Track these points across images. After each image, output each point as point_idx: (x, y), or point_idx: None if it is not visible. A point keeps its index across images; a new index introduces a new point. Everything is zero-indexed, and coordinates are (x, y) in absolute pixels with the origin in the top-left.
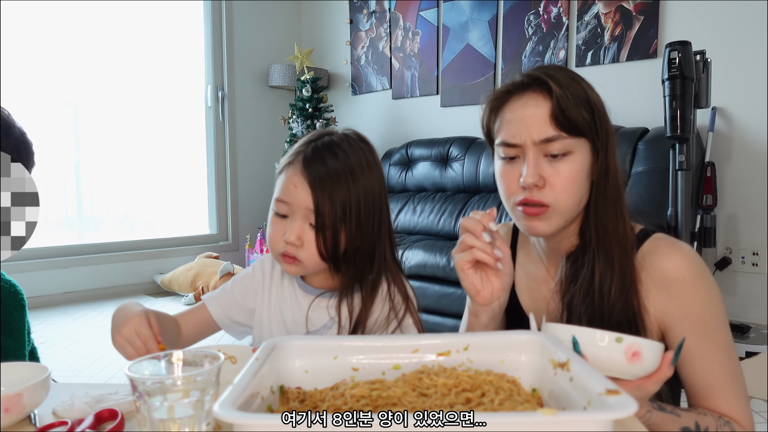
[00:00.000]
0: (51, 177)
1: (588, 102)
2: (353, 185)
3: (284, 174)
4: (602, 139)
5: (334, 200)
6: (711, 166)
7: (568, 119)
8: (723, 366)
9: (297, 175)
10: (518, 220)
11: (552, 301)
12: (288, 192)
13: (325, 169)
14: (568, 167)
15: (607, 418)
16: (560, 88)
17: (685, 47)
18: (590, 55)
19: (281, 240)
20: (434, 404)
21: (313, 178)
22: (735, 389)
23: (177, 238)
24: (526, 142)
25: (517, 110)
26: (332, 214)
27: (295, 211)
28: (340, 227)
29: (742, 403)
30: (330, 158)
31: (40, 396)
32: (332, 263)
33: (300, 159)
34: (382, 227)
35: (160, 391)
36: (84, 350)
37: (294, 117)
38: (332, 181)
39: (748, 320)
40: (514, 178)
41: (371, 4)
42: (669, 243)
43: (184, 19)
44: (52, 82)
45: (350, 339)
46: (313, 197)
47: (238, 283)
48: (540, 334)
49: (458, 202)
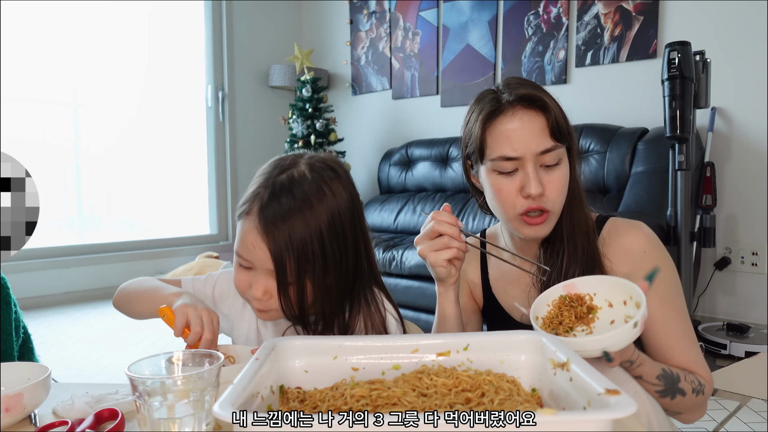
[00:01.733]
0: (51, 177)
1: (562, 113)
2: (312, 219)
3: (241, 225)
4: (573, 143)
5: (293, 247)
6: (710, 166)
7: (560, 130)
8: (681, 328)
9: (253, 233)
10: (519, 228)
11: (531, 291)
12: (247, 250)
13: (281, 212)
14: (560, 173)
15: (606, 418)
16: (551, 103)
17: (685, 47)
18: (590, 55)
19: (248, 292)
20: (434, 404)
21: (267, 230)
22: (693, 348)
23: (177, 238)
24: (527, 154)
25: (513, 126)
26: (294, 268)
27: (258, 267)
28: (304, 279)
29: (699, 360)
30: (286, 198)
31: (40, 396)
32: (300, 321)
33: (256, 209)
34: (357, 251)
35: (160, 391)
36: (84, 350)
37: (294, 117)
38: (290, 225)
39: (747, 320)
40: (514, 189)
41: (371, 4)
42: (626, 222)
43: (184, 19)
44: (52, 82)
45: (350, 339)
46: (272, 255)
47: (224, 280)
48: (540, 334)
49: (458, 202)
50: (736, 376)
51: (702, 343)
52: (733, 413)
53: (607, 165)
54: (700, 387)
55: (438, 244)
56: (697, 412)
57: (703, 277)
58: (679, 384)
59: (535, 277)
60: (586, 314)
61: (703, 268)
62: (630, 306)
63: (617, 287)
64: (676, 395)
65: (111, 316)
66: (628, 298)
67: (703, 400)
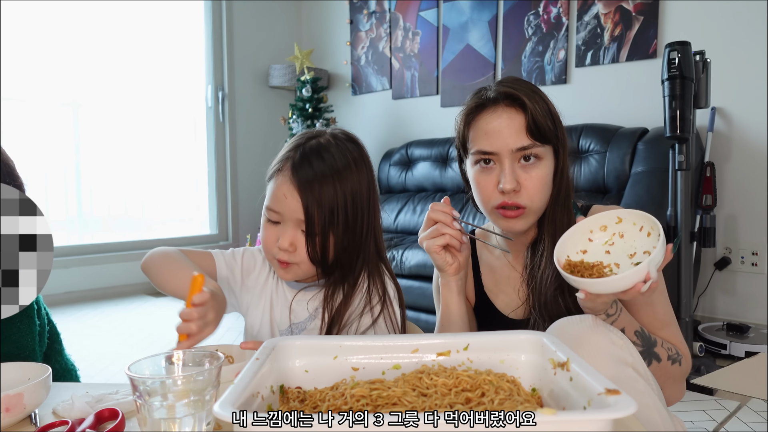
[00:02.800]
0: (51, 177)
1: (550, 113)
2: (340, 187)
3: (273, 182)
4: (562, 144)
5: (322, 205)
6: (710, 166)
7: (539, 129)
8: (663, 307)
9: (286, 184)
10: (496, 221)
11: (521, 290)
12: (278, 201)
13: (312, 174)
14: (539, 172)
15: (606, 418)
16: (531, 103)
17: (685, 47)
18: (590, 55)
19: (275, 246)
20: (434, 404)
21: (302, 187)
22: (672, 324)
23: (177, 238)
24: (503, 150)
25: (492, 122)
26: (321, 220)
27: (287, 219)
28: (329, 232)
29: (678, 335)
30: (317, 162)
31: (40, 396)
32: (321, 267)
33: (289, 166)
34: (369, 227)
35: (160, 391)
36: (84, 350)
37: (294, 117)
38: (320, 186)
39: (747, 320)
40: (491, 184)
41: (371, 4)
42: (604, 207)
43: (184, 19)
44: (52, 82)
45: (350, 339)
46: (302, 206)
47: (248, 256)
48: (540, 334)
49: (458, 202)
50: (736, 376)
51: (702, 343)
52: (733, 413)
53: (607, 165)
54: (677, 356)
55: (433, 231)
56: (674, 388)
57: (703, 277)
58: (654, 348)
59: (524, 275)
60: (600, 271)
61: (703, 268)
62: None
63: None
64: (652, 360)
65: (111, 316)
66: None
67: (681, 372)
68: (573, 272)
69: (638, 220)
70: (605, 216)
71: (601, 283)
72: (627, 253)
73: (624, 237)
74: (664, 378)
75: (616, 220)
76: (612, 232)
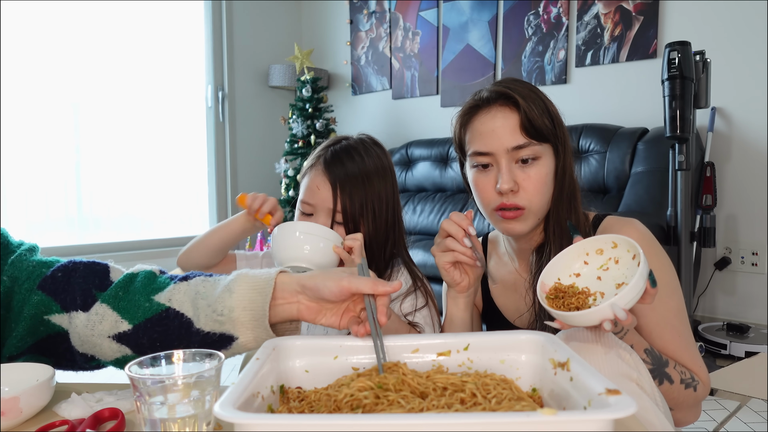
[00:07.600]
0: (51, 177)
1: (548, 111)
2: (368, 188)
3: (307, 177)
4: (561, 143)
5: (353, 199)
6: (710, 166)
7: (534, 127)
8: (677, 328)
9: (319, 176)
10: (496, 223)
11: (527, 297)
12: (312, 193)
13: (343, 170)
14: (538, 171)
15: (607, 418)
16: (525, 101)
17: (685, 47)
18: (590, 55)
19: None
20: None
21: (333, 179)
22: (689, 348)
23: (177, 238)
24: (499, 150)
25: (487, 123)
26: (352, 210)
27: (319, 211)
28: (359, 221)
29: (696, 360)
30: (348, 161)
31: (39, 399)
32: None
33: (321, 162)
34: (395, 222)
35: (160, 391)
36: None
37: (294, 117)
38: (350, 182)
39: (747, 320)
40: (490, 185)
41: (371, 4)
42: (621, 219)
43: (184, 19)
44: (52, 82)
45: (350, 339)
46: (333, 195)
47: (267, 259)
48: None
49: (458, 202)
50: (736, 376)
51: (702, 343)
52: (733, 413)
53: (607, 165)
54: (692, 381)
55: (442, 245)
56: (689, 412)
57: (703, 277)
58: (666, 368)
59: (531, 282)
60: (583, 300)
61: (703, 268)
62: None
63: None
64: (664, 380)
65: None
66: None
67: (695, 398)
68: (557, 296)
69: (631, 248)
70: (601, 239)
71: (564, 316)
72: (616, 282)
73: (619, 263)
74: (677, 401)
75: (612, 244)
76: (608, 256)
